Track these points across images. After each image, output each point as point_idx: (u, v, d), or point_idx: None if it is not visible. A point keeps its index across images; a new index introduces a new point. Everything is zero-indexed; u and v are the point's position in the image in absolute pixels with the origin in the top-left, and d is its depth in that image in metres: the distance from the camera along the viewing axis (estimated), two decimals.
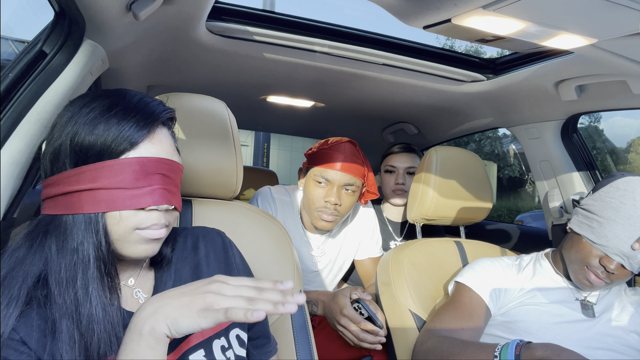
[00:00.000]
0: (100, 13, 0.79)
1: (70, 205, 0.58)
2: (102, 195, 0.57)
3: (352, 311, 1.13)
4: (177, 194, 0.65)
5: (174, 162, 0.64)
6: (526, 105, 1.47)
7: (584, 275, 1.01)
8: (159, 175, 0.61)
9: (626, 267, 0.96)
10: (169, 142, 0.65)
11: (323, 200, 1.34)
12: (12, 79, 0.73)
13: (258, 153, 8.99)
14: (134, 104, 0.62)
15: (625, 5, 0.71)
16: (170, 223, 0.65)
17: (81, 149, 0.58)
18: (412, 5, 0.84)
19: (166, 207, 0.61)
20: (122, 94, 0.64)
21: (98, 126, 0.58)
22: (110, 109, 0.60)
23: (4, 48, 1.34)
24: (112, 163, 0.58)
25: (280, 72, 1.47)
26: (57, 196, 0.59)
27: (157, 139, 0.62)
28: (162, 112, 0.64)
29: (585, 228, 1.02)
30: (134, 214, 0.59)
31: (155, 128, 0.62)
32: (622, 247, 0.95)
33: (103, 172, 0.57)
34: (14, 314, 0.54)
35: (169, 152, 0.64)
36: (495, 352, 0.84)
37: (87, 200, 0.57)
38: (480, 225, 2.09)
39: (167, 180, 0.62)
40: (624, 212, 0.97)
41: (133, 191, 0.58)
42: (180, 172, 0.67)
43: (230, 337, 0.71)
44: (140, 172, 0.59)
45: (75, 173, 0.58)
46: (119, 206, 0.58)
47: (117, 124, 0.59)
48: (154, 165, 0.60)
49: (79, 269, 0.57)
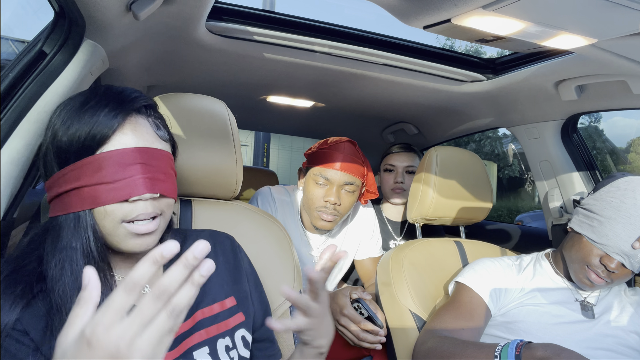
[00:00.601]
0: (100, 13, 0.79)
1: (62, 206, 0.60)
2: (86, 192, 0.59)
3: (352, 311, 1.13)
4: (166, 180, 0.64)
5: (153, 150, 0.63)
6: (526, 105, 1.47)
7: (585, 274, 1.01)
8: (138, 165, 0.61)
9: (627, 266, 0.96)
10: (147, 130, 0.64)
11: (323, 199, 1.34)
12: (12, 79, 0.73)
13: (258, 153, 9.00)
14: (106, 96, 0.62)
15: (625, 5, 0.71)
16: (163, 212, 0.64)
17: (60, 151, 0.60)
18: (412, 5, 0.84)
19: (150, 195, 0.61)
20: (98, 89, 0.64)
21: (72, 125, 0.59)
22: (83, 105, 0.61)
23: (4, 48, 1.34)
24: (90, 160, 0.59)
25: (280, 72, 1.47)
26: (54, 199, 0.61)
27: (131, 128, 0.62)
28: (133, 100, 0.63)
29: (586, 227, 1.02)
30: (118, 206, 0.60)
31: (128, 116, 0.62)
32: (622, 246, 0.95)
33: (83, 170, 0.59)
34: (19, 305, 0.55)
35: (146, 140, 0.63)
36: (496, 352, 0.84)
37: (74, 199, 0.59)
38: (480, 225, 2.09)
39: (148, 169, 0.62)
40: (624, 211, 0.97)
41: (114, 184, 0.59)
42: (167, 159, 0.66)
43: (235, 337, 0.71)
44: (118, 165, 0.59)
45: (62, 174, 0.60)
46: (102, 201, 0.59)
47: (89, 118, 0.59)
48: (131, 156, 0.60)
49: (67, 265, 0.58)
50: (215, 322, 0.70)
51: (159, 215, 0.64)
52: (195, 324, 0.68)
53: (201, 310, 0.70)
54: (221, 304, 0.72)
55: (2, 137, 0.67)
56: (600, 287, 1.03)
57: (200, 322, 0.69)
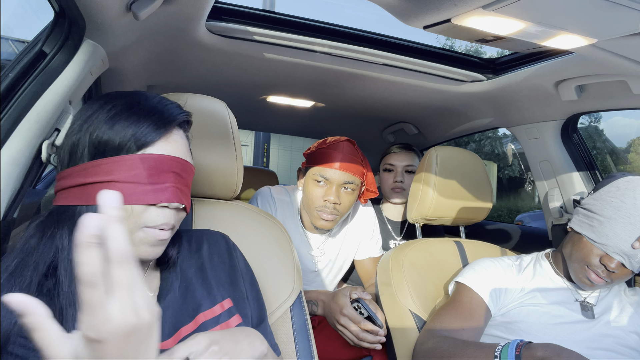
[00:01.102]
0: (100, 13, 0.79)
1: (85, 196, 0.59)
2: (117, 188, 0.58)
3: (352, 311, 1.13)
4: (188, 194, 0.67)
5: (187, 163, 0.66)
6: (526, 105, 1.47)
7: (585, 274, 1.01)
8: (172, 174, 0.62)
9: (626, 266, 0.96)
10: (184, 143, 0.67)
11: (322, 199, 1.34)
12: (12, 79, 0.73)
13: (258, 153, 8.99)
14: (153, 104, 0.64)
15: (625, 5, 0.71)
16: (175, 226, 0.66)
17: (100, 143, 0.60)
18: (412, 5, 0.84)
19: (177, 205, 0.63)
20: (142, 95, 0.66)
21: (118, 123, 0.60)
22: (130, 107, 0.62)
23: (4, 48, 1.34)
24: (129, 157, 0.59)
25: (280, 72, 1.47)
26: (72, 187, 0.60)
27: (172, 139, 0.64)
28: (179, 114, 0.66)
29: (586, 227, 1.02)
30: (144, 209, 0.60)
31: (172, 129, 0.64)
32: (622, 246, 0.95)
33: (119, 166, 0.59)
34: None
35: (183, 152, 0.65)
36: (496, 352, 0.84)
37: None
38: (480, 225, 2.09)
39: (179, 179, 0.64)
40: (624, 211, 0.97)
41: (146, 186, 0.60)
42: (192, 174, 0.68)
43: None
44: (154, 169, 0.60)
45: (92, 165, 0.59)
46: (132, 200, 0.59)
47: (136, 122, 0.61)
48: (169, 163, 0.62)
49: None
50: (217, 323, 0.70)
51: (174, 227, 0.65)
52: (197, 327, 0.68)
53: (203, 313, 0.69)
54: (221, 305, 0.72)
55: (2, 137, 0.67)
56: (600, 287, 1.03)
57: (203, 324, 0.68)
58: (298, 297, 0.99)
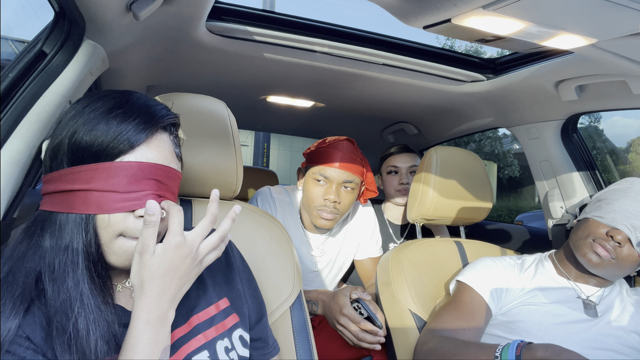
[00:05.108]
0: (100, 13, 0.79)
1: (65, 203, 0.58)
2: (94, 197, 0.57)
3: (352, 311, 1.13)
4: (172, 201, 0.64)
5: (170, 169, 0.63)
6: (526, 105, 1.47)
7: (592, 248, 1.02)
8: (153, 181, 0.60)
9: (632, 241, 0.98)
10: (168, 147, 0.64)
11: (322, 198, 1.34)
12: (12, 79, 0.73)
13: (258, 153, 8.99)
14: (137, 106, 0.62)
15: (625, 5, 0.71)
16: (160, 233, 0.62)
17: (78, 149, 0.58)
18: (412, 5, 0.84)
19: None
20: (126, 95, 0.63)
21: (97, 126, 0.58)
22: (112, 110, 0.60)
23: (4, 48, 1.34)
24: (107, 165, 0.58)
25: (280, 72, 1.47)
26: (54, 193, 0.59)
27: (155, 144, 0.61)
28: (164, 116, 0.63)
29: (594, 210, 1.07)
30: (122, 219, 0.58)
31: (155, 132, 0.62)
32: (630, 218, 0.99)
33: (97, 174, 0.57)
34: (21, 310, 0.54)
35: (166, 158, 0.63)
36: (496, 352, 0.84)
37: (80, 200, 0.57)
38: (480, 225, 2.10)
39: (161, 187, 0.61)
40: (632, 192, 1.04)
41: (124, 195, 0.58)
42: (178, 180, 0.66)
43: (233, 338, 0.71)
44: (133, 177, 0.58)
45: (71, 172, 0.58)
46: (108, 209, 0.57)
47: (117, 125, 0.58)
48: (149, 171, 0.60)
49: (69, 268, 0.56)
50: (212, 324, 0.69)
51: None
52: (192, 329, 0.67)
53: (197, 315, 0.69)
54: (216, 306, 0.72)
55: (2, 137, 0.67)
56: (606, 268, 1.02)
57: (196, 326, 0.68)
58: (298, 297, 0.99)
